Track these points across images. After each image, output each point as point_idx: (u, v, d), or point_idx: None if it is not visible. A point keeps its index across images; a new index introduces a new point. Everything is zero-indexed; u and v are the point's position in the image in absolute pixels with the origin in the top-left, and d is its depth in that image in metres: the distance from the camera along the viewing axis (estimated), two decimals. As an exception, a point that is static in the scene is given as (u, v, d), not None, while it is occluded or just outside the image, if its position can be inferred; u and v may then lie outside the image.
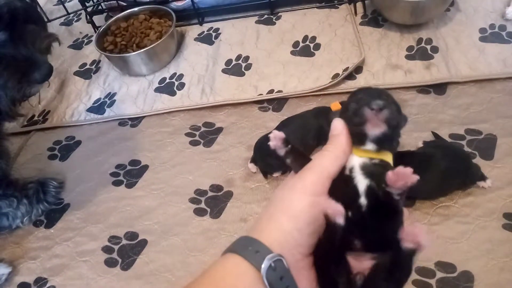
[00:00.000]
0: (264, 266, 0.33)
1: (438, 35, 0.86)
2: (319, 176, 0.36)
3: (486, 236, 0.57)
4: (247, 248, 0.34)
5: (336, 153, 0.37)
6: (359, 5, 0.96)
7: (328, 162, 0.37)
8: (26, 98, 0.65)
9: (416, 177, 0.32)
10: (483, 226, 0.58)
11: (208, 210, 0.70)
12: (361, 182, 0.36)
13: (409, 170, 0.32)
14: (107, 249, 0.69)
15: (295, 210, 0.35)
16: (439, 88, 0.77)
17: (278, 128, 0.70)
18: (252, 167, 0.73)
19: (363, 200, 0.35)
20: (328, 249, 0.35)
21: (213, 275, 0.35)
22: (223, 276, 0.34)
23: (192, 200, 0.72)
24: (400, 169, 0.32)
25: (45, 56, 0.65)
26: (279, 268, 0.33)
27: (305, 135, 0.69)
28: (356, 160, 0.37)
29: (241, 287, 0.33)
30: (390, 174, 0.32)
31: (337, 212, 0.33)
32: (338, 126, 0.38)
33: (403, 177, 0.32)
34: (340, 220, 0.33)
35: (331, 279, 0.35)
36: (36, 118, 0.94)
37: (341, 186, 0.36)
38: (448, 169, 0.60)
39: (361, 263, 0.35)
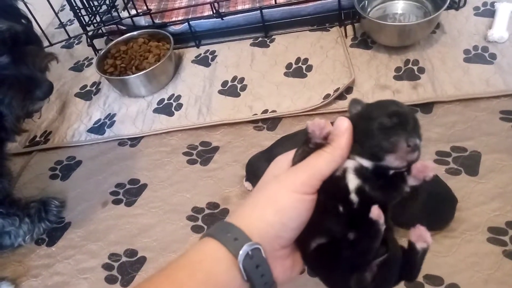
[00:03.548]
0: (241, 253, 0.33)
1: (424, 57, 0.90)
2: (311, 177, 0.35)
3: (472, 250, 0.60)
4: (226, 234, 0.35)
5: (334, 155, 0.35)
6: (349, 28, 1.00)
7: (323, 163, 0.35)
8: (29, 115, 0.68)
9: (433, 173, 0.34)
10: (469, 240, 0.61)
11: (205, 227, 0.72)
12: (352, 182, 0.35)
13: (431, 164, 0.34)
14: (107, 266, 0.70)
15: (281, 204, 0.35)
16: (426, 107, 0.80)
17: (273, 147, 0.73)
18: (248, 185, 0.75)
19: (353, 197, 0.35)
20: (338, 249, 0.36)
21: (190, 258, 0.35)
22: (200, 260, 0.35)
23: (190, 218, 0.74)
24: (424, 162, 0.34)
25: (44, 74, 0.68)
26: (256, 257, 0.34)
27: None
28: (351, 163, 0.36)
29: (216, 271, 0.34)
30: (418, 165, 0.34)
31: None
32: (341, 127, 0.36)
33: (426, 169, 0.33)
34: None
35: (342, 278, 0.36)
36: (37, 139, 0.96)
37: (331, 183, 0.35)
38: (432, 193, 0.61)
39: None
